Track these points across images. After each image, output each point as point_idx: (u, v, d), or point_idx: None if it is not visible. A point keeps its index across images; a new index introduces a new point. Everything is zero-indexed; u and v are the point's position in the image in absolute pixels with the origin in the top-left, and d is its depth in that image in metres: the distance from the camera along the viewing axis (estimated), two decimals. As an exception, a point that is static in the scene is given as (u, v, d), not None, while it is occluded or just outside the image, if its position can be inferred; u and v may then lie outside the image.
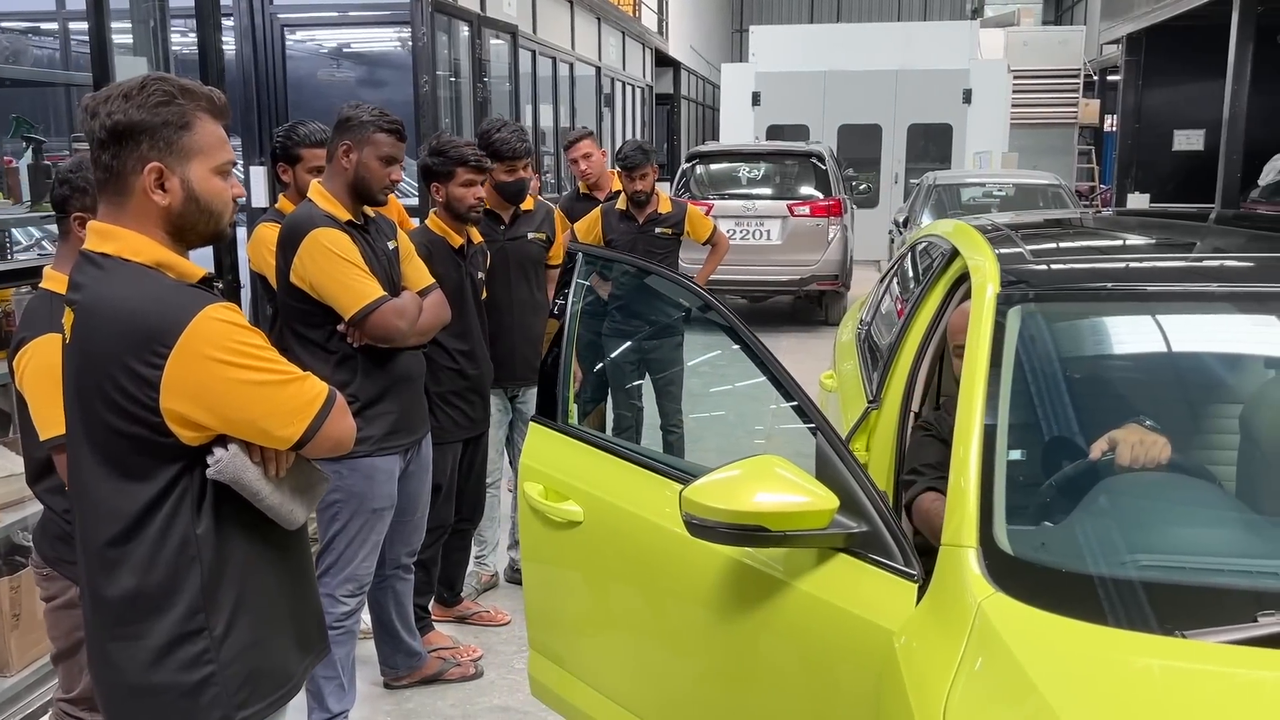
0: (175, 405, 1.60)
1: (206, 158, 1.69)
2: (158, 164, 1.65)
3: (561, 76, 11.09)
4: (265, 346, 1.69)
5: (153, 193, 1.66)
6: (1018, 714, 1.43)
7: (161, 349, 1.59)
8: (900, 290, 3.62)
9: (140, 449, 1.63)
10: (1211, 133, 13.47)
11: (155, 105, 1.64)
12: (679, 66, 19.62)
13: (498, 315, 3.76)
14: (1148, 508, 1.87)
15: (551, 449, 2.54)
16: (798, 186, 10.63)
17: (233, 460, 1.66)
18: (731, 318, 2.21)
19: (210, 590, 1.69)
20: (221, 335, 1.63)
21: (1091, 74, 19.32)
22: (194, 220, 1.70)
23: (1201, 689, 1.42)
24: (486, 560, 4.19)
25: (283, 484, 1.73)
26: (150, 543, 1.66)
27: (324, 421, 1.71)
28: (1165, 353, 2.24)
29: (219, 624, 1.70)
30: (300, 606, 1.87)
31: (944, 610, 1.69)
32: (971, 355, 2.06)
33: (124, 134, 1.63)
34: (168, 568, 1.66)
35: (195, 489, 1.67)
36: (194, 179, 1.68)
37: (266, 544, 1.77)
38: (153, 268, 1.66)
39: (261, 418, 1.67)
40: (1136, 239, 3.01)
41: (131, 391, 1.60)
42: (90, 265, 1.68)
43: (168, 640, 1.67)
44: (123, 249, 1.66)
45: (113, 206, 1.69)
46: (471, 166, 3.38)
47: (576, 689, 2.50)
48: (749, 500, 1.84)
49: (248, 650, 1.73)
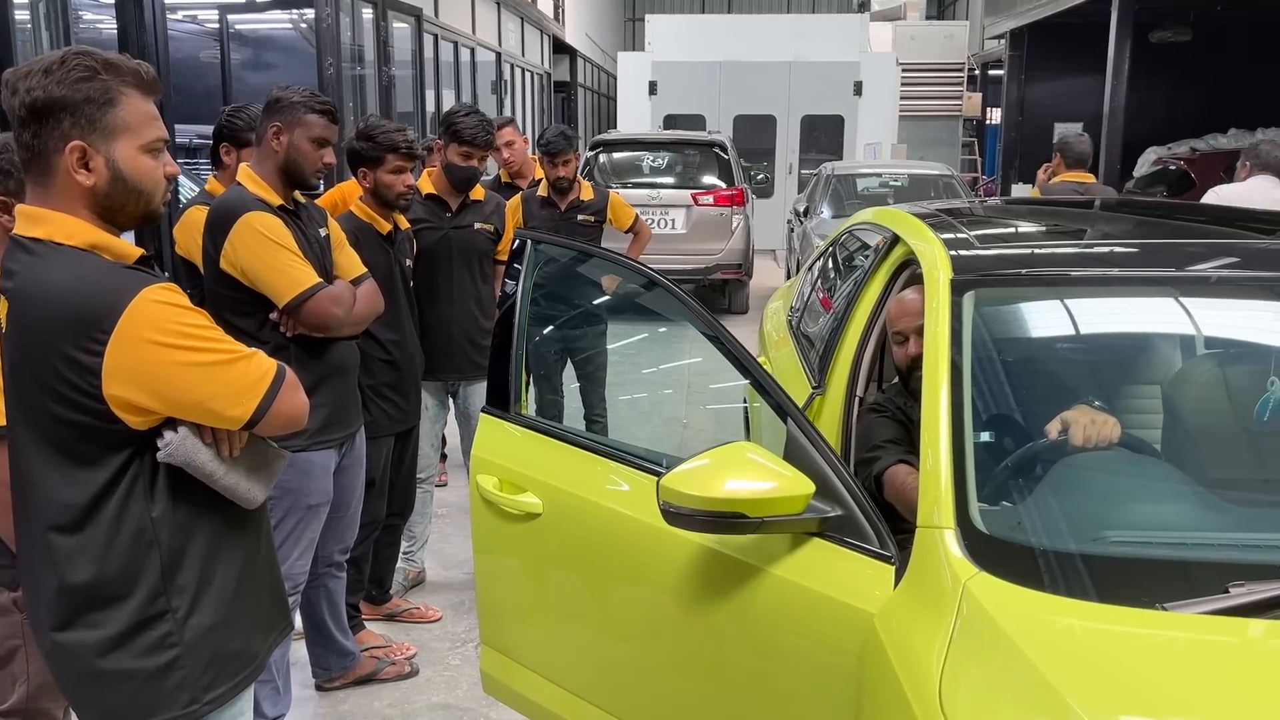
0: (119, 391, 1.54)
1: (134, 135, 1.61)
2: (80, 142, 1.57)
3: (463, 62, 10.90)
4: (208, 326, 1.63)
5: (76, 172, 1.58)
6: (1015, 688, 1.46)
7: (100, 335, 1.52)
8: (830, 278, 3.67)
9: (87, 436, 1.57)
10: (1089, 125, 14.14)
11: (76, 81, 1.56)
12: (575, 54, 19.52)
13: (435, 305, 3.67)
14: (1109, 485, 1.93)
15: (505, 440, 2.49)
16: (701, 176, 10.69)
17: (183, 443, 1.60)
18: (696, 306, 2.20)
19: (170, 573, 1.64)
20: (161, 317, 1.56)
21: (974, 68, 19.99)
22: (122, 200, 1.62)
23: (1187, 657, 1.48)
24: (415, 556, 4.10)
25: (237, 464, 1.68)
26: (104, 530, 1.60)
27: (274, 399, 1.65)
28: (1110, 334, 2.33)
29: (181, 606, 1.65)
30: (262, 585, 1.83)
31: (926, 591, 1.71)
32: (931, 340, 2.10)
33: (44, 111, 1.55)
34: (125, 554, 1.61)
35: (147, 473, 1.62)
36: (120, 158, 1.60)
37: (225, 523, 1.72)
38: (87, 250, 1.59)
39: (209, 399, 1.61)
40: (1065, 225, 3.11)
41: (73, 380, 1.53)
42: (22, 251, 1.60)
43: (128, 626, 1.63)
44: (54, 232, 1.59)
45: (39, 188, 1.61)
46: (402, 153, 3.28)
47: (533, 683, 2.46)
48: (728, 487, 1.84)
49: (212, 631, 1.69)
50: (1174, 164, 11.75)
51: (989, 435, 1.98)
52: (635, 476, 2.22)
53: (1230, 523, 1.84)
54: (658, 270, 2.43)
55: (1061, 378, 2.23)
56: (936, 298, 2.20)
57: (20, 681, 2.26)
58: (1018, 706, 1.44)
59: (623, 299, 4.79)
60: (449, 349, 3.78)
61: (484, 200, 3.92)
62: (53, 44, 3.81)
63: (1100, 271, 2.35)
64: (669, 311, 3.02)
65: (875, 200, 10.88)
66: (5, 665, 2.25)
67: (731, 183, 10.48)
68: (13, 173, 2.14)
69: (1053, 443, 2.00)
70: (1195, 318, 2.31)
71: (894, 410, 2.54)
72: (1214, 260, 2.38)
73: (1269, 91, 11.91)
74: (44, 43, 3.80)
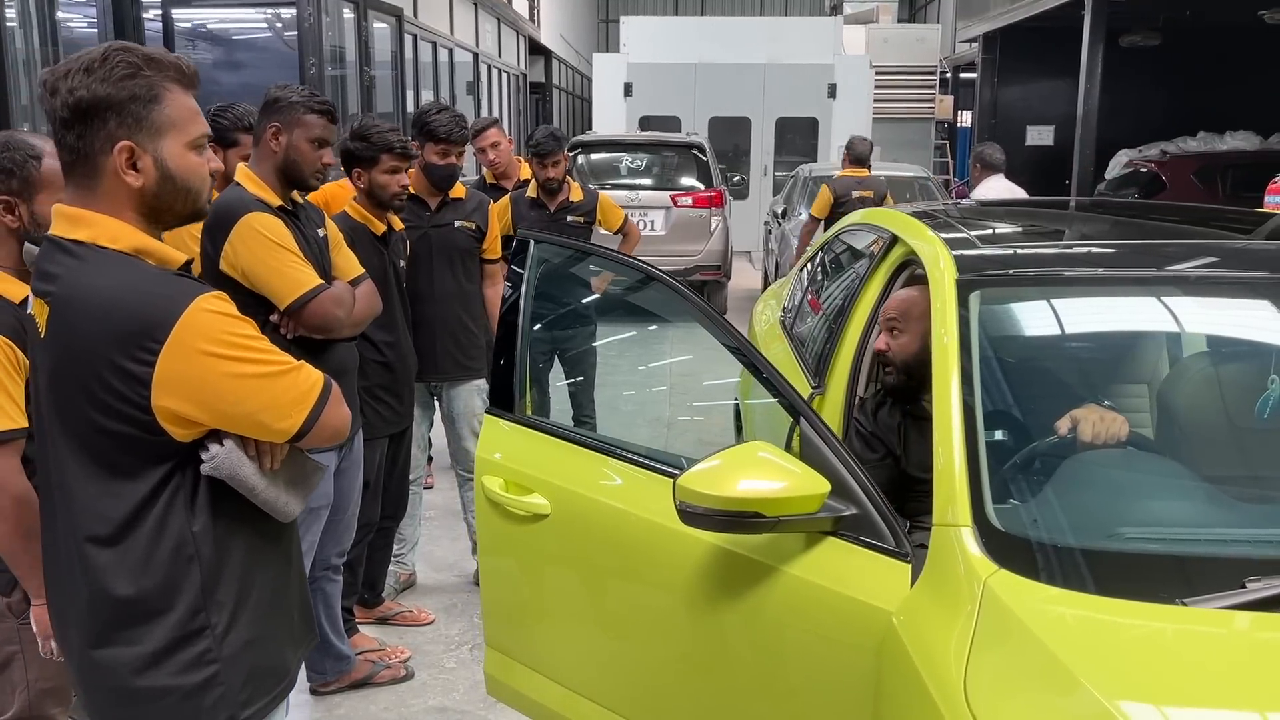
0: (167, 402, 1.50)
1: (180, 132, 1.57)
2: (128, 142, 1.52)
3: (442, 62, 10.86)
4: (258, 336, 1.59)
5: (125, 173, 1.53)
6: (1042, 682, 1.47)
7: (152, 344, 1.47)
8: (825, 279, 3.69)
9: (130, 448, 1.52)
10: (1060, 128, 14.29)
11: (120, 78, 1.51)
12: (550, 55, 19.49)
13: (420, 306, 3.65)
14: (1121, 482, 1.96)
15: (510, 441, 2.48)
16: (679, 177, 10.71)
17: (229, 456, 1.57)
18: (704, 307, 2.21)
19: (210, 588, 1.59)
20: (214, 327, 1.52)
21: (946, 71, 20.16)
22: (170, 200, 1.58)
23: (1210, 651, 1.50)
24: (405, 559, 4.07)
25: (277, 477, 1.65)
26: (144, 544, 1.55)
27: (322, 411, 1.62)
28: (1116, 332, 2.36)
29: (220, 622, 1.61)
30: (294, 598, 1.79)
31: (946, 589, 1.72)
32: (940, 340, 2.12)
33: (89, 111, 1.50)
34: (165, 569, 1.56)
35: (189, 486, 1.57)
36: (168, 156, 1.56)
37: (262, 537, 1.68)
38: (131, 255, 1.54)
39: (259, 411, 1.57)
40: (1061, 226, 3.15)
41: (120, 389, 1.48)
42: (63, 253, 1.54)
43: (167, 643, 1.58)
44: (98, 235, 1.53)
45: (82, 190, 1.55)
46: (397, 154, 3.26)
47: (540, 685, 2.45)
48: (744, 487, 1.84)
49: (249, 647, 1.64)
50: (1145, 166, 11.92)
51: (1000, 434, 1.99)
52: (644, 476, 2.22)
53: (1243, 519, 1.86)
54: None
55: (1069, 376, 2.26)
56: (943, 298, 2.22)
57: (20, 689, 2.23)
58: (1046, 700, 1.45)
59: (613, 299, 4.80)
60: (433, 350, 3.75)
61: (465, 198, 3.90)
62: (41, 44, 3.74)
63: (1105, 271, 2.38)
64: (670, 312, 3.02)
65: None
66: (2, 671, 2.23)
67: (710, 184, 10.51)
68: (15, 171, 2.11)
69: (1062, 441, 2.03)
70: (1200, 317, 2.35)
71: (865, 423, 2.54)
72: (1216, 259, 2.42)
73: (1236, 95, 12.11)
74: (33, 41, 3.74)
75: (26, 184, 2.11)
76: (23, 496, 2.00)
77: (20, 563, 2.03)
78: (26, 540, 2.00)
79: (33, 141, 2.16)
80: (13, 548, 2.01)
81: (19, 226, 2.12)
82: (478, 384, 3.90)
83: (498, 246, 4.06)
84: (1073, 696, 1.42)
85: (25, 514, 1.99)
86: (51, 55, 3.76)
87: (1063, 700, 1.43)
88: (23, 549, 2.01)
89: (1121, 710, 1.35)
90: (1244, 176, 11.18)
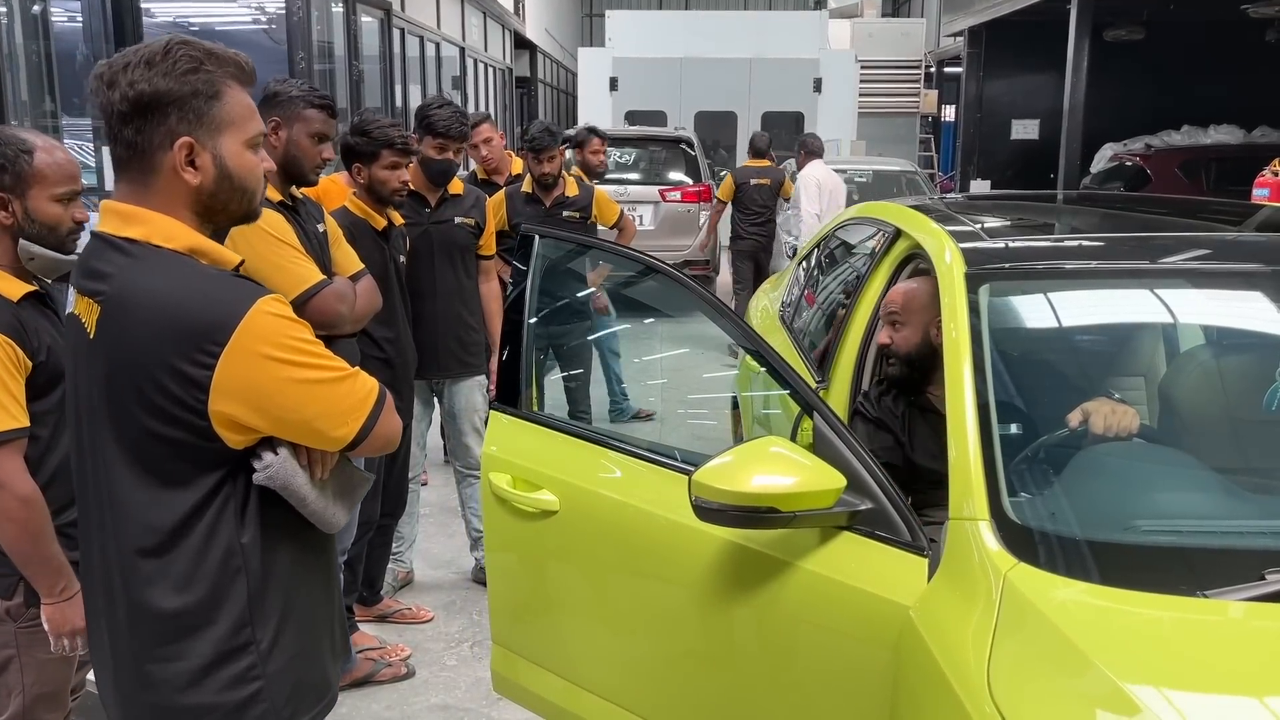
0: (224, 407, 1.45)
1: (238, 130, 1.53)
2: (189, 139, 1.48)
3: (429, 57, 10.80)
4: (315, 341, 1.54)
5: (183, 171, 1.49)
6: (1068, 678, 1.47)
7: (212, 347, 1.43)
8: (825, 273, 3.69)
9: (182, 454, 1.48)
10: (1045, 122, 14.36)
11: (183, 73, 1.47)
12: (535, 49, 19.43)
13: (420, 303, 3.63)
14: (1136, 475, 1.96)
15: (517, 437, 2.47)
16: (667, 172, 10.72)
17: (283, 465, 1.52)
18: (714, 301, 2.20)
19: (257, 602, 1.54)
20: (275, 330, 1.47)
21: (930, 65, 20.21)
22: (226, 200, 1.54)
23: (1234, 642, 1.50)
24: (403, 557, 4.05)
25: (326, 487, 1.60)
26: (191, 555, 1.50)
27: (377, 420, 1.57)
28: (1125, 324, 2.36)
29: (265, 637, 1.56)
30: (334, 611, 1.76)
31: (964, 583, 1.72)
32: (951, 333, 2.11)
33: (149, 106, 1.46)
34: (212, 581, 1.51)
35: (239, 496, 1.52)
36: (227, 154, 1.51)
37: (307, 549, 1.64)
38: (186, 255, 1.50)
39: (316, 418, 1.52)
40: (1062, 220, 3.15)
41: (176, 393, 1.43)
42: (115, 252, 1.49)
43: (211, 659, 1.53)
44: (152, 234, 1.48)
45: (136, 186, 1.51)
46: (397, 149, 3.24)
47: (549, 682, 2.44)
48: (761, 482, 1.84)
49: (293, 662, 1.60)
50: (1130, 160, 12.00)
51: (1013, 427, 1.99)
52: (654, 472, 2.21)
53: (1259, 511, 1.87)
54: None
55: (1079, 369, 2.26)
56: (952, 292, 2.21)
57: (16, 693, 2.20)
58: (1072, 693, 1.45)
59: (609, 293, 4.78)
60: (435, 347, 3.73)
61: (463, 194, 3.88)
62: (25, 39, 3.69)
63: (1114, 263, 2.38)
64: (673, 306, 3.00)
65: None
66: (0, 674, 2.19)
67: (699, 179, 10.51)
68: (6, 167, 2.07)
69: (1074, 434, 2.03)
70: (1206, 308, 2.35)
71: (871, 410, 2.54)
72: (1223, 250, 2.43)
73: (1219, 89, 12.18)
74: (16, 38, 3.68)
75: (19, 180, 2.08)
76: (29, 497, 1.97)
77: (30, 563, 2.00)
78: (35, 541, 1.98)
79: (23, 136, 2.13)
80: (22, 549, 1.98)
81: (13, 224, 2.09)
82: (478, 380, 3.88)
83: (493, 243, 4.04)
84: (1101, 690, 1.42)
85: (33, 515, 1.97)
86: (41, 50, 3.71)
87: (1090, 693, 1.43)
88: (31, 550, 1.98)
89: (1151, 703, 1.36)
90: (1228, 170, 11.28)
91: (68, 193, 2.10)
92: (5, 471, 1.96)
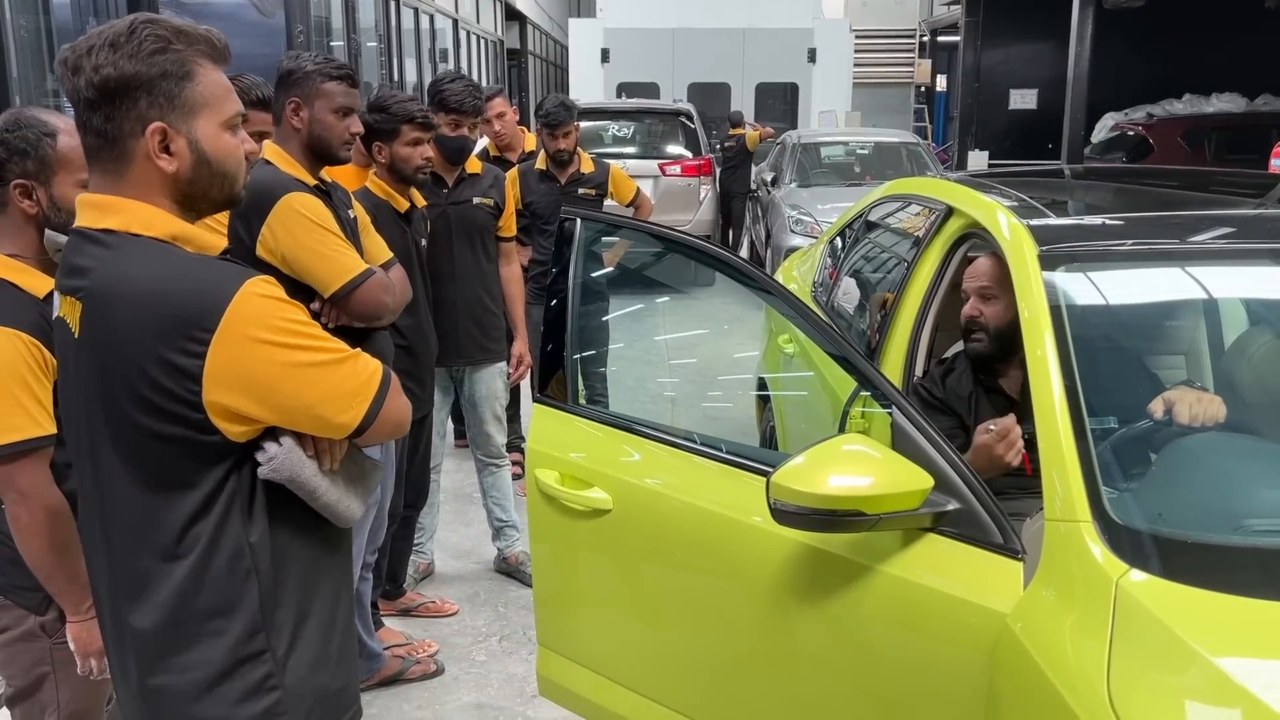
0: (220, 398, 1.36)
1: (214, 111, 1.42)
2: (161, 124, 1.38)
3: (423, 29, 10.57)
4: (310, 323, 1.45)
5: (157, 157, 1.39)
6: (1201, 693, 1.38)
7: (201, 334, 1.34)
8: (865, 253, 3.56)
9: (180, 452, 1.39)
10: (1044, 92, 14.22)
11: (150, 54, 1.36)
12: (525, 20, 19.13)
13: (439, 287, 3.48)
14: (1235, 471, 1.86)
15: (564, 432, 2.35)
16: (666, 145, 10.54)
17: (288, 456, 1.43)
18: (781, 288, 2.08)
19: (269, 605, 1.45)
20: (267, 312, 1.38)
21: (924, 34, 20.01)
22: (205, 186, 1.44)
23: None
24: (424, 548, 3.93)
25: (337, 477, 1.50)
26: (197, 559, 1.41)
27: (383, 403, 1.48)
28: (1208, 305, 2.26)
29: (281, 643, 1.47)
30: (352, 613, 1.65)
31: (1069, 589, 1.62)
32: (1031, 321, 2.00)
33: (116, 90, 1.36)
34: (220, 585, 1.42)
35: (244, 492, 1.43)
36: (202, 137, 1.41)
37: (322, 545, 1.54)
38: (167, 242, 1.40)
39: (317, 404, 1.43)
40: (1107, 194, 3.04)
41: (168, 386, 1.35)
42: (93, 245, 1.40)
43: (224, 667, 1.44)
44: (130, 222, 1.39)
45: (109, 175, 1.41)
46: (418, 124, 3.09)
47: (602, 687, 2.33)
48: (843, 484, 1.73)
49: (313, 670, 1.50)
50: (1132, 130, 11.90)
51: (1108, 420, 1.89)
52: (717, 469, 2.10)
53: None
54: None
55: (1159, 355, 2.15)
56: (1026, 275, 2.10)
57: (50, 710, 2.08)
58: (1206, 706, 1.36)
59: (627, 272, 4.65)
60: (455, 333, 3.60)
61: (481, 174, 3.73)
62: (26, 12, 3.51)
63: (1191, 242, 2.27)
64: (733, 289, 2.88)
65: (842, 169, 10.84)
66: (33, 693, 2.08)
67: (698, 152, 10.34)
68: (29, 152, 1.93)
69: (1159, 425, 1.93)
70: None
71: (936, 393, 2.45)
72: None
73: (1221, 57, 12.05)
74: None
75: (43, 165, 1.93)
76: (55, 508, 1.84)
77: (55, 578, 1.88)
78: (61, 555, 1.85)
79: (45, 118, 1.98)
80: (47, 562, 1.86)
81: (38, 212, 1.95)
82: (499, 367, 3.76)
83: (513, 224, 3.91)
84: (1241, 707, 1.32)
85: (59, 526, 1.84)
86: (43, 25, 3.53)
87: (1230, 711, 1.33)
88: (57, 564, 1.86)
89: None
90: (1231, 139, 11.20)
91: None
92: (30, 481, 1.83)
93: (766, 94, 17.21)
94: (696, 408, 5.86)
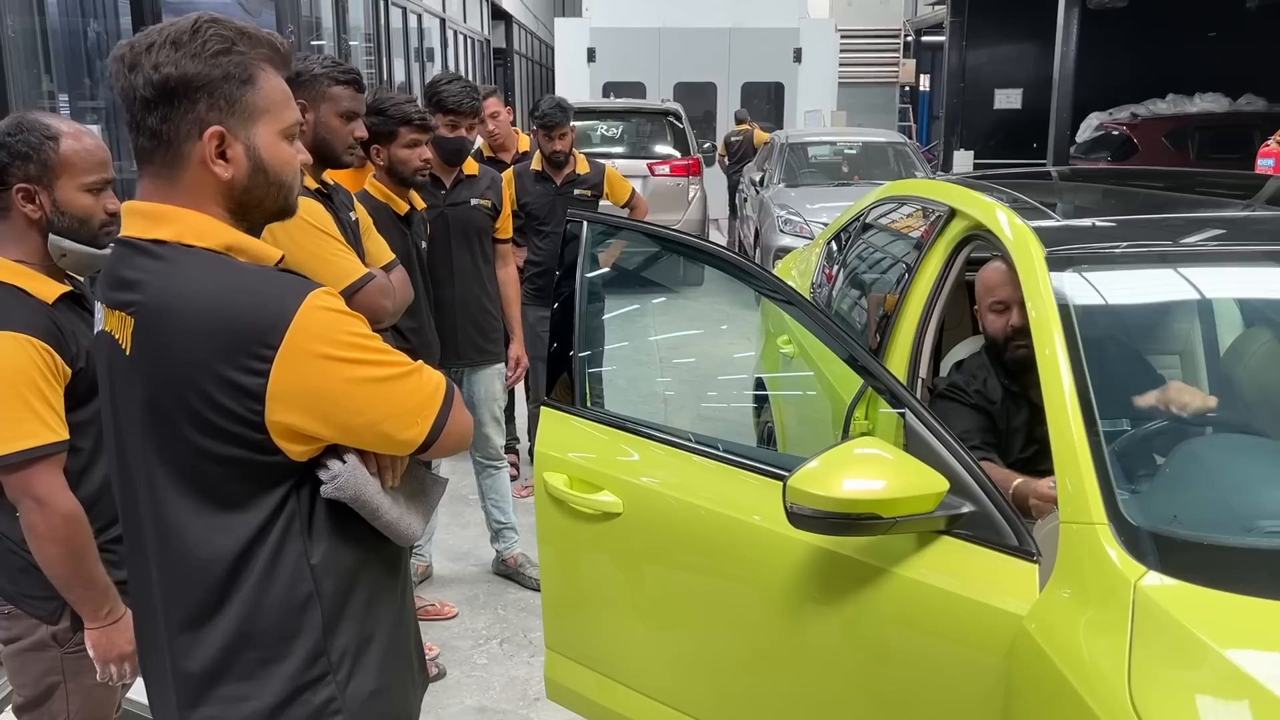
0: (283, 417, 1.31)
1: (274, 118, 1.37)
2: (219, 128, 1.33)
3: (411, 29, 10.53)
4: (373, 335, 1.39)
5: (213, 163, 1.34)
6: (1223, 692, 1.39)
7: (265, 351, 1.28)
8: (859, 254, 3.57)
9: (240, 473, 1.33)
10: (1029, 91, 14.28)
11: (213, 54, 1.31)
12: (511, 20, 19.10)
13: (438, 289, 3.48)
14: (1245, 471, 1.87)
15: (573, 435, 2.35)
16: (654, 145, 10.53)
17: (352, 474, 1.38)
18: (789, 288, 2.08)
19: (331, 628, 1.40)
20: (332, 327, 1.32)
21: (909, 34, 20.08)
22: (260, 195, 1.39)
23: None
24: (422, 550, 3.92)
25: (398, 495, 1.46)
26: (257, 582, 1.36)
27: (448, 418, 1.42)
28: (1209, 307, 2.27)
29: (344, 667, 1.41)
30: (411, 635, 1.61)
31: (1087, 592, 1.63)
32: (1041, 323, 2.01)
33: (176, 90, 1.30)
34: (280, 610, 1.37)
35: (304, 513, 1.37)
36: (260, 144, 1.36)
37: (383, 565, 1.49)
38: (222, 253, 1.35)
39: (382, 420, 1.37)
40: (1106, 196, 3.06)
41: (229, 406, 1.29)
42: (144, 257, 1.34)
43: (285, 695, 1.38)
44: (183, 232, 1.33)
45: (160, 180, 1.35)
46: (416, 125, 3.09)
47: (612, 691, 2.33)
48: (860, 486, 1.73)
49: (375, 696, 1.45)
50: (1116, 129, 11.96)
51: (1119, 422, 1.90)
52: (729, 473, 2.10)
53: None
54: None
55: (1169, 355, 2.17)
56: (1034, 277, 2.11)
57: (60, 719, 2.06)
58: (1230, 709, 1.37)
59: (623, 273, 4.64)
60: (454, 335, 3.59)
61: (478, 175, 3.73)
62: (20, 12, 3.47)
63: (1195, 244, 2.28)
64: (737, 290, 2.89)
65: (829, 169, 10.86)
66: (43, 703, 2.06)
67: (687, 152, 10.34)
68: (31, 155, 1.91)
69: (1174, 427, 1.95)
70: None
71: (971, 395, 2.46)
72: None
73: (1204, 56, 12.14)
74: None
75: (45, 169, 1.91)
76: (72, 514, 1.83)
77: (73, 585, 1.86)
78: (78, 561, 1.83)
79: (47, 121, 1.96)
80: (64, 570, 1.84)
81: (41, 217, 1.92)
82: (498, 368, 3.75)
83: (509, 225, 3.90)
84: (1266, 708, 1.33)
85: (75, 533, 1.82)
86: (38, 26, 3.50)
87: (1254, 713, 1.34)
88: (74, 570, 1.84)
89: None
90: (1214, 138, 11.28)
91: (98, 182, 1.93)
92: (45, 488, 1.81)
93: (752, 93, 17.23)
94: (692, 407, 5.87)
